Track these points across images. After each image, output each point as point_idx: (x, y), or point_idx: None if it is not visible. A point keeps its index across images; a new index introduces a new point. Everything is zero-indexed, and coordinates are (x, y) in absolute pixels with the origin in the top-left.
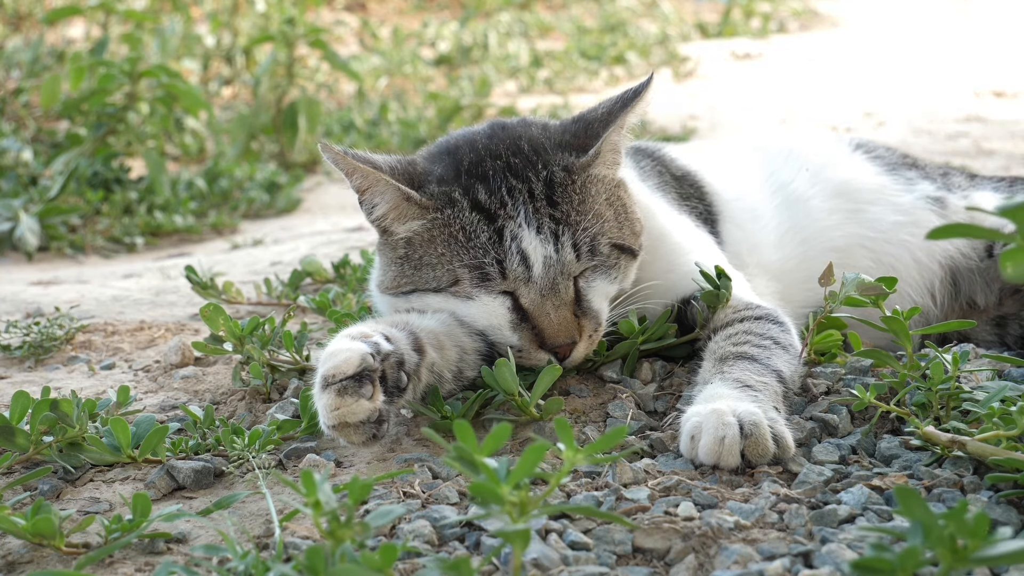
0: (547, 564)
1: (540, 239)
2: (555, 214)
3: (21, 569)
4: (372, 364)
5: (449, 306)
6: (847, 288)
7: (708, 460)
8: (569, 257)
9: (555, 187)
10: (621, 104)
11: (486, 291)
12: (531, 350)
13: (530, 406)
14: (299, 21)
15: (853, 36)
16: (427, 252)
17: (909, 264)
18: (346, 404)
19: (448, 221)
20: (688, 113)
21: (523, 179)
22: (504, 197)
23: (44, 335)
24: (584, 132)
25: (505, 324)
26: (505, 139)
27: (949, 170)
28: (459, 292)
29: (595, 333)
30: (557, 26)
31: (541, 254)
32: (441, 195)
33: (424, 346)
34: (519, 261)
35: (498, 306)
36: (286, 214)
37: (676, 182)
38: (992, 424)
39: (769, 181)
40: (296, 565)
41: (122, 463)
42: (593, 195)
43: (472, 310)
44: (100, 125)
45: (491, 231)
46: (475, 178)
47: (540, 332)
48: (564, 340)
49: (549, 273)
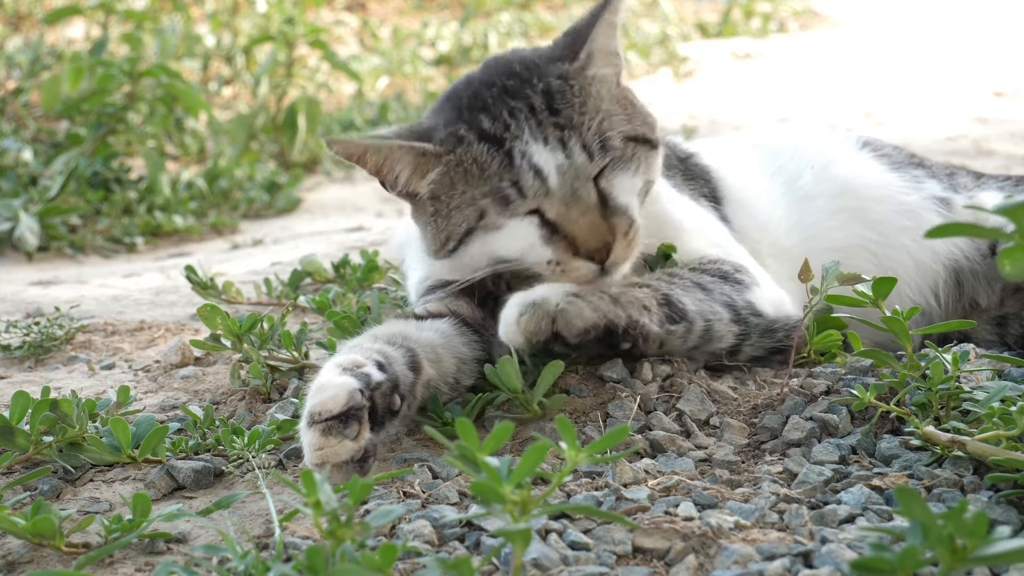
0: (547, 564)
1: (549, 149)
2: (559, 121)
3: (21, 569)
4: (359, 402)
5: (487, 248)
6: (828, 280)
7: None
8: (581, 160)
9: (554, 96)
10: (603, 3)
11: (511, 215)
12: (568, 260)
13: (533, 403)
14: (299, 21)
15: (853, 36)
16: (451, 197)
17: (912, 266)
18: (329, 445)
19: (460, 159)
20: (688, 113)
21: (521, 97)
22: (507, 119)
23: (44, 335)
24: (574, 41)
25: (538, 242)
26: (497, 67)
27: (955, 170)
28: (488, 225)
29: (630, 230)
30: (557, 26)
31: (553, 163)
32: (449, 137)
33: (421, 363)
34: (533, 176)
35: (527, 226)
36: (286, 214)
37: (681, 163)
38: (992, 424)
39: (775, 177)
40: (296, 565)
41: (122, 463)
42: (594, 95)
43: (505, 241)
44: (100, 125)
45: (501, 155)
46: (476, 110)
47: (573, 240)
48: (597, 243)
49: (566, 180)
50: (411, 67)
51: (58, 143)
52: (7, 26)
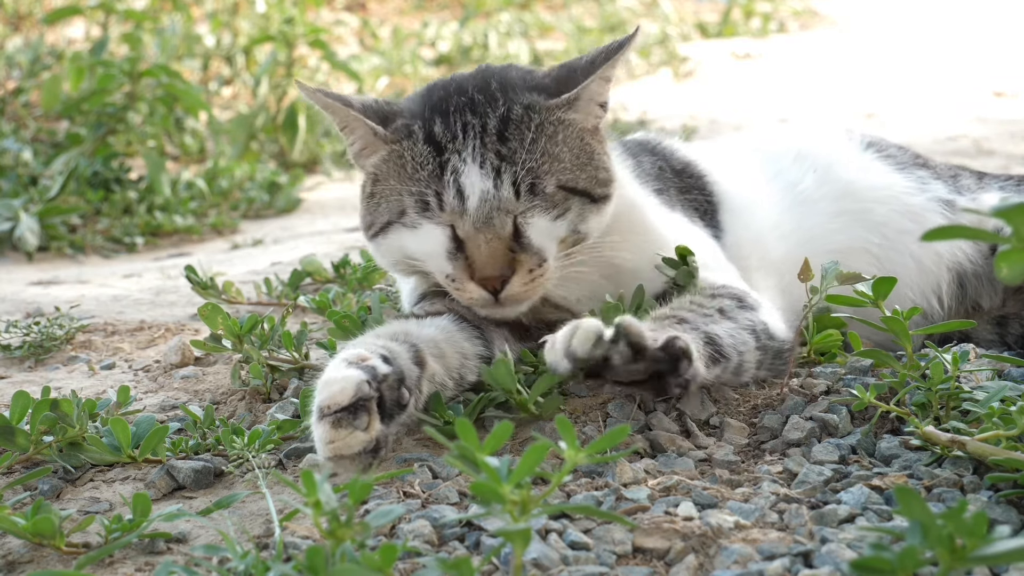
0: (547, 564)
1: (481, 174)
2: (501, 151)
3: (21, 569)
4: (367, 392)
5: (401, 243)
6: (827, 279)
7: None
8: (507, 194)
9: (509, 124)
10: (604, 55)
11: (428, 220)
12: (463, 280)
13: (529, 403)
14: (299, 21)
15: (853, 36)
16: (385, 186)
17: (915, 268)
18: (341, 437)
19: (402, 152)
20: (688, 113)
21: (480, 115)
22: (456, 131)
23: (44, 335)
24: (566, 78)
25: (442, 252)
26: (478, 77)
27: (959, 171)
28: (406, 223)
29: (537, 269)
30: (557, 26)
31: (479, 188)
32: (402, 127)
33: (425, 358)
34: (455, 194)
35: (439, 234)
36: (286, 214)
37: (676, 176)
38: (992, 424)
39: (775, 181)
40: (296, 565)
41: (122, 463)
42: (549, 135)
43: (417, 240)
44: (100, 125)
45: (436, 164)
46: (437, 112)
47: (472, 263)
48: (493, 272)
49: (484, 207)
50: (411, 67)
51: (58, 143)
52: (7, 26)
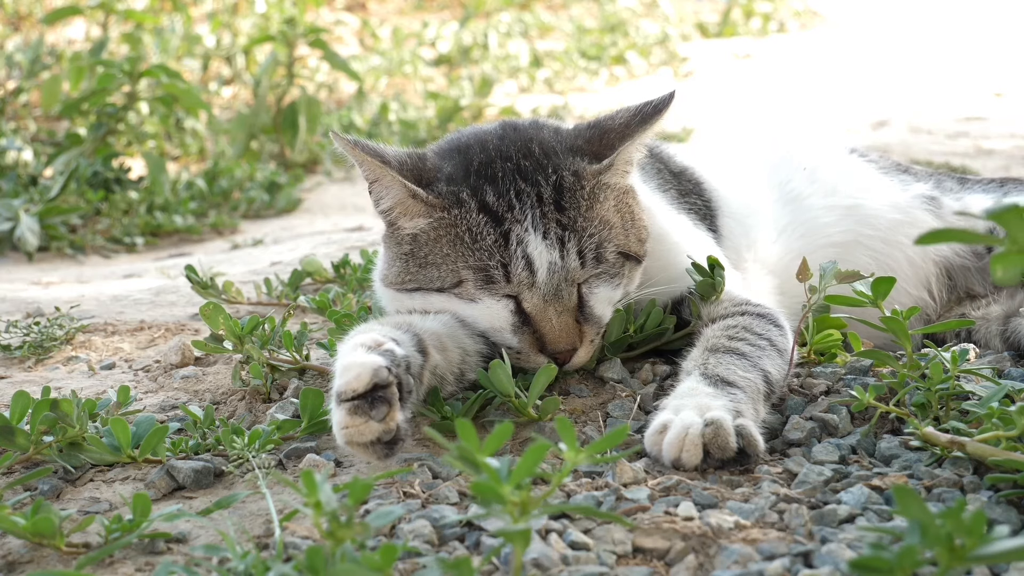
0: (547, 564)
1: (546, 244)
2: (562, 220)
3: (21, 569)
4: (385, 378)
5: (452, 307)
6: (826, 278)
7: (670, 454)
8: (574, 264)
9: (564, 192)
10: (640, 119)
11: (489, 294)
12: (531, 353)
13: (528, 406)
14: (299, 21)
15: (853, 36)
16: (432, 251)
17: (905, 261)
18: (355, 424)
19: (455, 221)
20: (688, 113)
21: (532, 182)
22: (512, 200)
23: (44, 335)
24: (599, 140)
25: (507, 327)
26: (516, 140)
27: (940, 176)
28: (462, 294)
29: (597, 338)
30: (557, 26)
31: (546, 260)
32: (449, 194)
33: (428, 348)
34: (524, 266)
35: (501, 309)
36: (286, 214)
37: (675, 179)
38: (991, 424)
39: (768, 179)
40: (296, 565)
41: (122, 463)
42: (601, 201)
43: (475, 312)
44: (100, 125)
45: (497, 234)
46: (484, 179)
47: (541, 337)
48: (565, 346)
49: (553, 279)
50: (411, 67)
51: (58, 143)
52: (7, 26)
